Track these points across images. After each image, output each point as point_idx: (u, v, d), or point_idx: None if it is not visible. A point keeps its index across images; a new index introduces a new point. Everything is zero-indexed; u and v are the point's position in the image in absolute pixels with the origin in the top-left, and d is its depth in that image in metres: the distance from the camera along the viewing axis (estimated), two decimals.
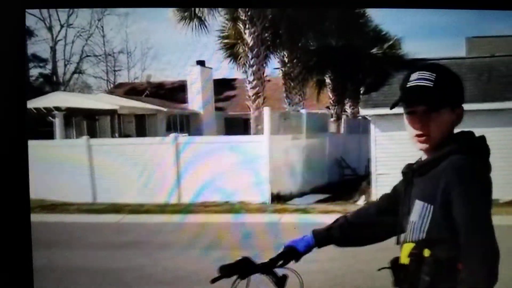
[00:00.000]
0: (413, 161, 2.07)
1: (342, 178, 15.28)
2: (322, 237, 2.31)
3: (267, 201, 12.70)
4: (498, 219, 1.92)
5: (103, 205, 12.42)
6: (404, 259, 1.97)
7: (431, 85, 1.93)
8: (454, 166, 1.86)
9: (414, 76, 1.97)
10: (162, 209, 12.70)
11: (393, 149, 11.97)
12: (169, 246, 9.19)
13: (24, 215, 2.99)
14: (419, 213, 1.92)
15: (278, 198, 12.78)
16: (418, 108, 1.96)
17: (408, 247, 1.96)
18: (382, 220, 2.23)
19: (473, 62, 12.98)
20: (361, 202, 12.36)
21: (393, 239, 2.12)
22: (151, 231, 10.73)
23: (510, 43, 16.66)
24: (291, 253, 2.28)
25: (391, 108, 2.03)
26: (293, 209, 12.11)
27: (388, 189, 2.13)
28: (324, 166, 14.97)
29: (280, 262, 2.27)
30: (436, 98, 1.93)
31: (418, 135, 1.96)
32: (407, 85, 1.98)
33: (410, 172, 2.04)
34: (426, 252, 1.89)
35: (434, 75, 1.94)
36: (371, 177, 12.71)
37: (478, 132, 1.99)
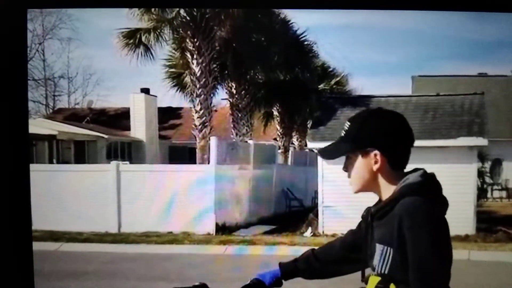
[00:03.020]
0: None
1: (289, 209, 15.24)
2: (288, 270, 2.35)
3: (212, 232, 12.44)
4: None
5: (40, 232, 11.89)
6: None
7: (343, 135, 2.06)
8: (407, 209, 1.87)
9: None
10: (102, 238, 12.29)
11: (340, 182, 12.01)
12: (109, 277, 8.92)
13: None
14: (379, 256, 1.94)
15: (223, 229, 12.56)
16: None
17: (374, 280, 1.98)
18: (347, 256, 2.27)
19: (419, 100, 13.37)
20: (308, 234, 12.32)
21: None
22: (90, 261, 10.32)
23: (454, 83, 17.36)
24: (258, 285, 2.31)
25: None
26: (239, 240, 11.95)
27: (334, 221, 2.07)
28: (271, 197, 14.91)
29: None
30: (343, 146, 2.06)
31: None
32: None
33: (369, 216, 2.05)
34: (392, 287, 1.91)
35: (348, 124, 2.05)
36: (318, 209, 12.70)
37: (425, 168, 2.00)
